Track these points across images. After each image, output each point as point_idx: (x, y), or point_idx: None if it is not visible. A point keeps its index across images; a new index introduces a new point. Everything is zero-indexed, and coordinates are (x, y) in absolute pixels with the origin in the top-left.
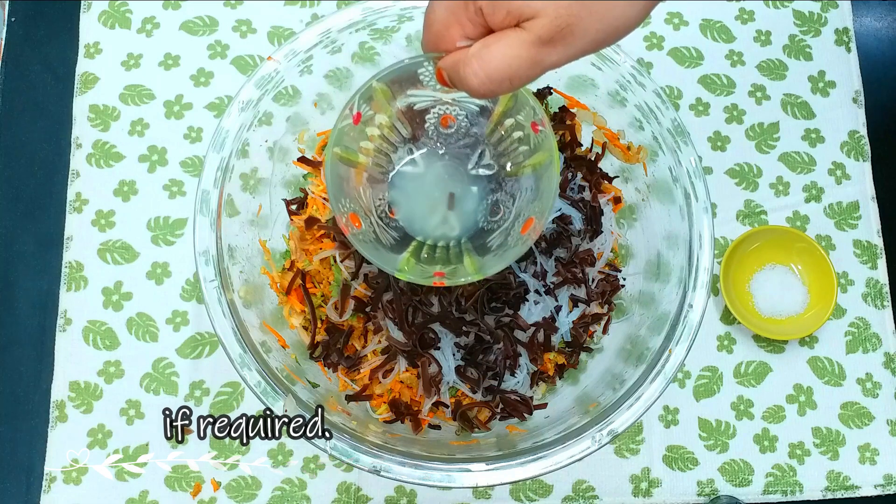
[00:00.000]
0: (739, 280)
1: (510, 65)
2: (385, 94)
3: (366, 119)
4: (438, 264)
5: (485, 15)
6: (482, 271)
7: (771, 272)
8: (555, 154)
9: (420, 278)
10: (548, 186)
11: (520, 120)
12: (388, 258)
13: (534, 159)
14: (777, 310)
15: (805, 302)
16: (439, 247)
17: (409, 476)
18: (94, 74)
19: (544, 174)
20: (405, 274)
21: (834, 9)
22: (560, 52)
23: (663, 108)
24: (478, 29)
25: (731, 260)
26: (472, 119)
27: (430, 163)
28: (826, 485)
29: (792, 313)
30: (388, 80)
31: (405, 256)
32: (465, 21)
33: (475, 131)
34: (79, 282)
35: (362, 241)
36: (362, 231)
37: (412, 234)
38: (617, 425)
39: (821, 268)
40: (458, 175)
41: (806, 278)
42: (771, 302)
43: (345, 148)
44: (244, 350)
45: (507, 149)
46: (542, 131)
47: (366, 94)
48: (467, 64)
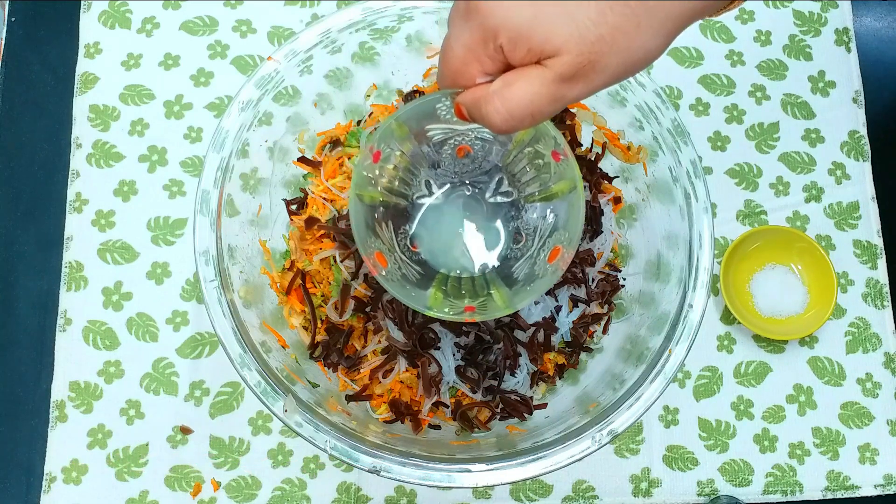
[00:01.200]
0: (739, 280)
1: (532, 101)
2: (402, 131)
3: (385, 157)
4: (467, 297)
5: (505, 52)
6: (511, 304)
7: (771, 272)
8: (579, 183)
9: (451, 314)
10: (574, 215)
11: (539, 149)
12: (416, 295)
13: (556, 187)
14: (777, 310)
15: (805, 302)
16: (464, 278)
17: (409, 476)
18: (94, 74)
19: (569, 203)
20: (434, 311)
21: (834, 9)
22: (581, 88)
23: (663, 108)
24: (497, 65)
25: (731, 260)
26: (488, 148)
27: (449, 193)
28: (826, 485)
29: (792, 313)
30: (406, 118)
31: (432, 291)
32: (485, 58)
33: (492, 159)
34: (79, 282)
35: (390, 280)
36: (389, 270)
37: (436, 267)
38: (617, 425)
39: (821, 268)
40: (476, 204)
41: (806, 278)
42: (771, 302)
43: (367, 188)
44: (244, 350)
45: (526, 176)
46: (564, 160)
47: (385, 133)
48: (489, 101)
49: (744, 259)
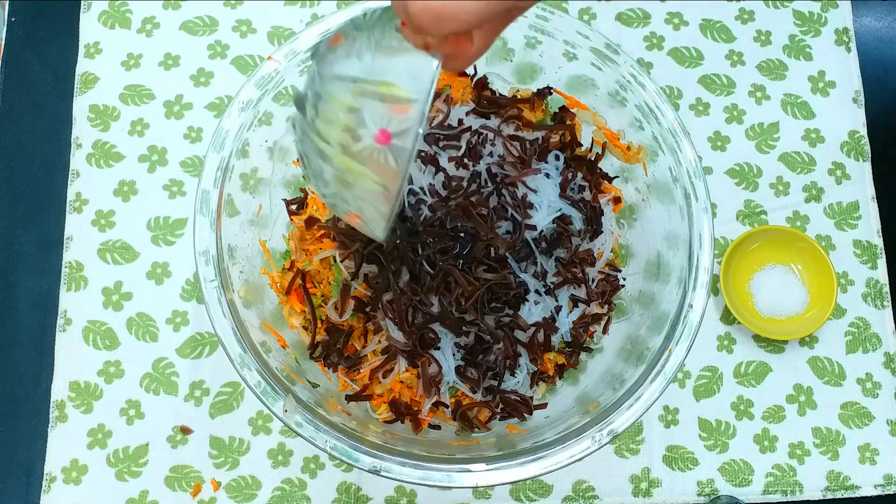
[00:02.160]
0: (739, 280)
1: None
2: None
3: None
4: None
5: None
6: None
7: (771, 272)
8: None
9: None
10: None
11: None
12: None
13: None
14: (777, 310)
15: (805, 302)
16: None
17: (409, 476)
18: (94, 74)
19: None
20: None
21: (834, 9)
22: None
23: (663, 108)
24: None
25: (731, 260)
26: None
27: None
28: (826, 485)
29: (792, 313)
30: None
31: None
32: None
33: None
34: (79, 282)
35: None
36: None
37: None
38: (617, 425)
39: (820, 267)
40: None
41: (806, 278)
42: (771, 302)
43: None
44: (244, 350)
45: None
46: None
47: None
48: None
49: (744, 259)
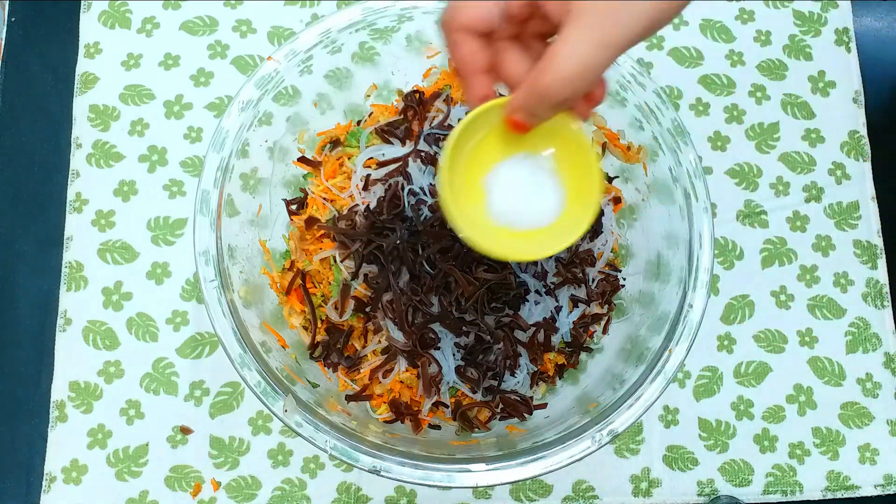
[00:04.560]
0: (472, 172)
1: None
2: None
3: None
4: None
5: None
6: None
7: (518, 165)
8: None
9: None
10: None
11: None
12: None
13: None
14: (514, 219)
15: (556, 212)
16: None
17: (409, 476)
18: (94, 74)
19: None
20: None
21: (834, 9)
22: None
23: (663, 108)
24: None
25: (463, 140)
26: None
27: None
28: (826, 485)
29: (536, 225)
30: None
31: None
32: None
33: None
34: (79, 282)
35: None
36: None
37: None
38: (617, 425)
39: (582, 162)
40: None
41: (564, 179)
42: (508, 207)
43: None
44: (244, 350)
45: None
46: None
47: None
48: (541, 74)
49: (483, 144)
